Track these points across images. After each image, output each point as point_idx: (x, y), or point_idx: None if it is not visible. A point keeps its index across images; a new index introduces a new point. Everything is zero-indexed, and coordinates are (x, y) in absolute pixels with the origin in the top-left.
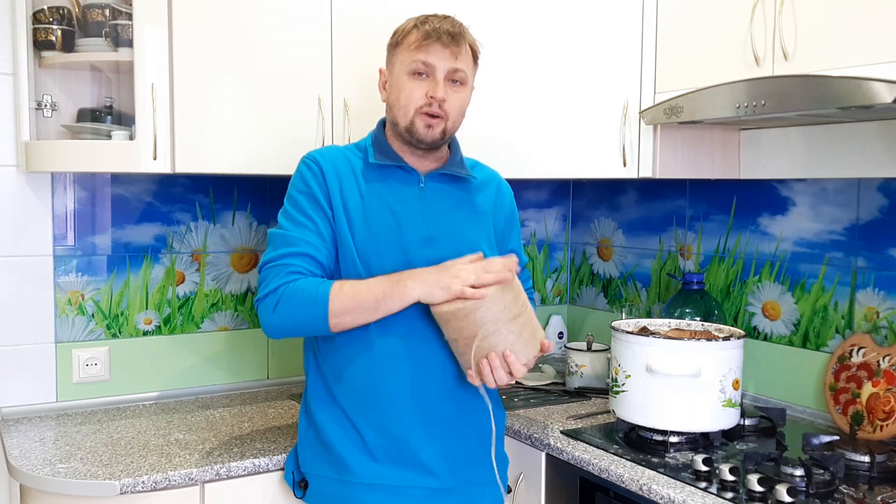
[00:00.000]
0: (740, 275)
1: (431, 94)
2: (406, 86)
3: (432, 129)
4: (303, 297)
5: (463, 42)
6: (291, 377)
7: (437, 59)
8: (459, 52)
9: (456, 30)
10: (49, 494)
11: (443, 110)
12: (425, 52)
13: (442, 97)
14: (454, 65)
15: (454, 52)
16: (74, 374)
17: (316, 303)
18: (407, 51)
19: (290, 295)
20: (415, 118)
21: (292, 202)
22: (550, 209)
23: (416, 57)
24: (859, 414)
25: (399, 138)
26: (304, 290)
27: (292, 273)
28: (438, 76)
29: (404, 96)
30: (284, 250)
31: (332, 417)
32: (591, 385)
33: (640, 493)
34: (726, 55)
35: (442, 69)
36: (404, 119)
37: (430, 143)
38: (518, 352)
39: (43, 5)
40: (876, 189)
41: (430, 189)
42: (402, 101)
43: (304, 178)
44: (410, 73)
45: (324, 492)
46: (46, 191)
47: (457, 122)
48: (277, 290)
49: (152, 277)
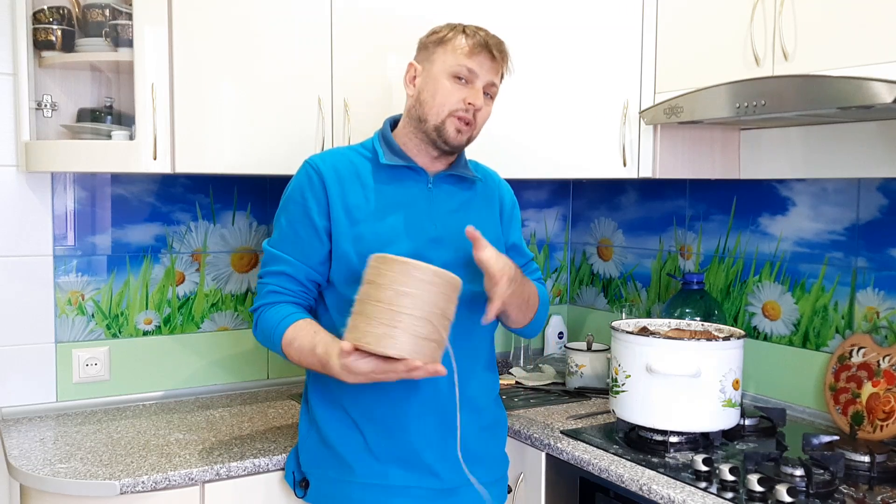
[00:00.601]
0: (740, 275)
1: (471, 100)
2: (446, 86)
3: (461, 134)
4: (266, 331)
5: (506, 60)
6: (291, 377)
7: (481, 70)
8: (498, 68)
9: (502, 47)
10: (49, 494)
11: (475, 119)
12: (473, 59)
13: (480, 105)
14: (493, 79)
15: (496, 68)
16: (74, 374)
17: (273, 342)
18: (453, 53)
19: (262, 322)
20: (447, 119)
21: (285, 210)
22: (550, 209)
23: (463, 62)
24: (859, 414)
25: (420, 135)
26: (268, 323)
27: (270, 293)
28: (478, 85)
29: (442, 95)
30: (267, 268)
31: (333, 417)
32: (591, 385)
33: (640, 493)
34: (726, 55)
35: (483, 80)
36: (436, 118)
37: (454, 146)
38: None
39: (43, 5)
40: (876, 189)
41: (439, 190)
42: (439, 100)
43: (301, 187)
44: (453, 75)
45: (325, 491)
46: (46, 191)
47: (477, 134)
48: (258, 310)
49: (152, 277)
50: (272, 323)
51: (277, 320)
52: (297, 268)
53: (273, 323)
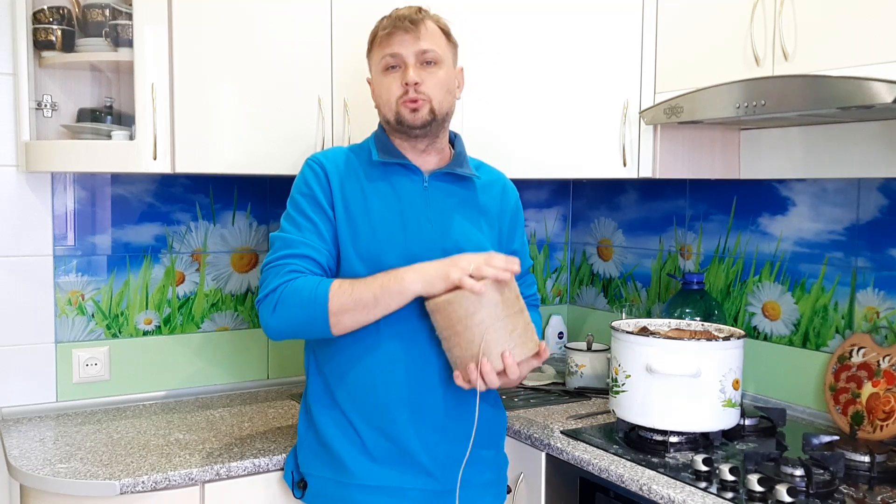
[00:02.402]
0: (740, 275)
1: (405, 80)
2: (383, 82)
3: (417, 111)
4: (302, 296)
5: (423, 23)
6: (291, 377)
7: (401, 47)
8: (421, 33)
9: (414, 14)
10: (49, 494)
11: (422, 93)
12: (390, 43)
13: (414, 80)
14: (420, 46)
15: (416, 35)
16: (74, 374)
17: (315, 302)
18: (377, 48)
19: (290, 294)
20: (398, 108)
21: (294, 204)
22: (550, 209)
23: (384, 52)
24: (859, 414)
25: (395, 136)
26: (304, 288)
27: (291, 272)
28: (409, 61)
29: (384, 92)
30: (284, 252)
31: (331, 418)
32: (591, 385)
33: (640, 493)
34: (726, 55)
35: (410, 55)
36: (390, 112)
37: (421, 125)
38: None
39: (43, 5)
40: (876, 189)
41: (435, 188)
42: (384, 97)
43: (307, 179)
44: (384, 69)
45: (322, 492)
46: (46, 191)
47: (444, 103)
48: (277, 290)
49: (152, 277)
50: (310, 283)
51: (316, 280)
52: (319, 251)
53: (312, 283)
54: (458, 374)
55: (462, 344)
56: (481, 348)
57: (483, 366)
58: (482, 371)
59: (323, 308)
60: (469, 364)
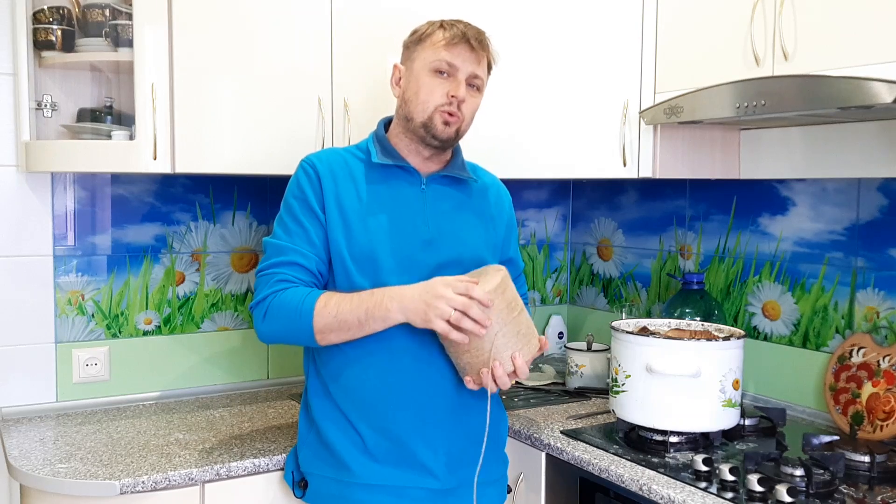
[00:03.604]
0: (740, 275)
1: (453, 93)
2: (427, 82)
3: (449, 126)
4: (288, 309)
5: (487, 49)
6: (291, 377)
7: (461, 61)
8: (480, 59)
9: (482, 37)
10: (49, 494)
11: (460, 111)
12: (451, 52)
13: (463, 97)
14: (476, 70)
15: (477, 58)
16: (74, 374)
17: (300, 317)
18: (432, 48)
19: (278, 306)
20: (434, 115)
21: (287, 208)
22: (550, 209)
23: (441, 56)
24: (859, 414)
25: (409, 135)
26: (290, 301)
27: (280, 282)
28: (461, 77)
29: (425, 92)
30: (275, 259)
31: (331, 418)
32: (591, 385)
33: (640, 493)
34: (726, 55)
35: (465, 71)
36: (422, 115)
37: (444, 140)
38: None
39: (43, 5)
40: (876, 189)
41: (432, 191)
42: (422, 97)
43: (300, 182)
44: (433, 70)
45: (323, 492)
46: (46, 191)
47: (468, 126)
48: (266, 300)
49: (152, 277)
50: (297, 296)
51: (304, 293)
52: (307, 258)
53: (298, 297)
54: (470, 380)
55: (472, 351)
56: (492, 353)
57: (495, 370)
58: (495, 375)
59: (308, 324)
60: (482, 369)
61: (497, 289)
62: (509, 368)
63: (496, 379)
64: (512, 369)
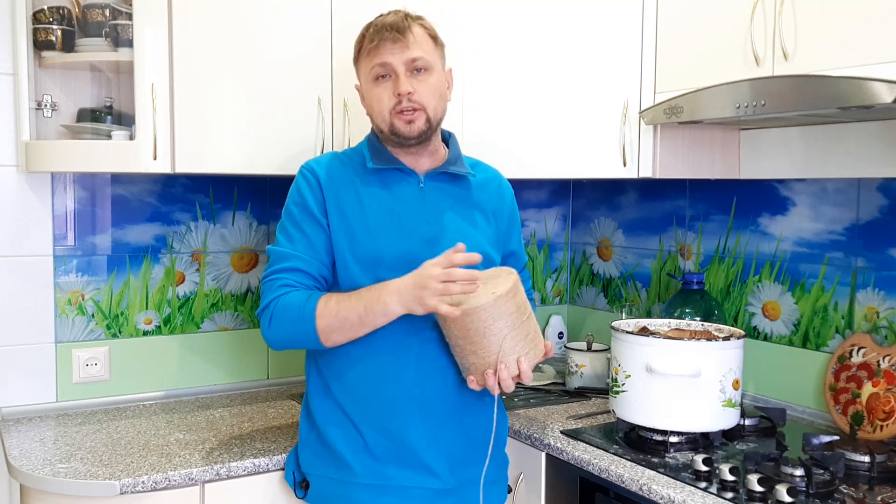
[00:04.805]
0: (740, 275)
1: (398, 90)
2: (374, 92)
3: (413, 123)
4: (291, 313)
5: (410, 30)
6: (291, 377)
7: (390, 56)
8: (409, 41)
9: (400, 21)
10: (49, 494)
11: (416, 102)
12: (379, 53)
13: (407, 90)
14: (409, 55)
15: (404, 44)
16: (74, 374)
17: (303, 320)
18: (365, 58)
19: (281, 311)
20: (392, 119)
21: (288, 214)
22: (550, 209)
23: (372, 62)
24: (859, 414)
25: (388, 143)
26: (293, 305)
27: (283, 286)
28: (399, 71)
29: (375, 102)
30: (278, 266)
31: (332, 418)
32: (591, 385)
33: (640, 493)
34: (726, 55)
35: (399, 63)
36: (384, 123)
37: (417, 136)
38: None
39: (43, 5)
40: (876, 189)
41: (431, 189)
42: (376, 108)
43: (300, 189)
44: (374, 78)
45: (325, 492)
46: (46, 191)
47: (438, 109)
48: (270, 305)
49: (152, 277)
50: (299, 300)
51: (305, 296)
52: (309, 263)
53: (300, 299)
54: (473, 380)
55: (479, 352)
56: (499, 356)
57: (500, 372)
58: (500, 378)
59: (311, 326)
60: (487, 371)
61: (508, 293)
62: (514, 372)
63: (500, 381)
64: (517, 373)
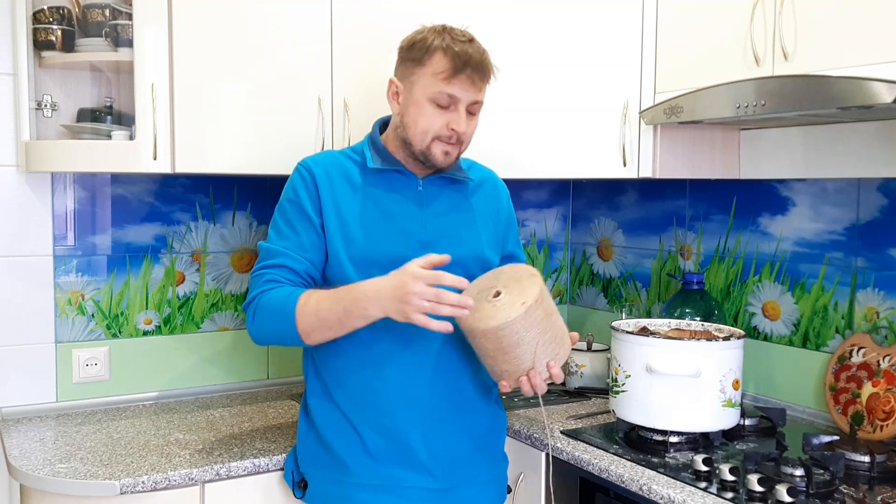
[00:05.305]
0: (740, 275)
1: (454, 126)
2: (427, 112)
3: (449, 156)
4: (273, 309)
5: (489, 75)
6: (291, 377)
7: (462, 93)
8: (484, 85)
9: (483, 60)
10: (49, 494)
11: (461, 138)
12: (453, 84)
13: (464, 130)
14: (477, 97)
15: (480, 87)
16: (74, 374)
17: (284, 316)
18: (433, 78)
19: (264, 306)
20: (432, 144)
21: (281, 211)
22: (550, 209)
23: (443, 89)
24: (859, 414)
25: (406, 151)
26: (275, 301)
27: (267, 282)
28: (461, 109)
29: (424, 122)
30: (266, 262)
31: (331, 418)
32: (591, 385)
33: (640, 493)
34: (726, 55)
35: (465, 101)
36: (420, 143)
37: (443, 167)
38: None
39: (43, 5)
40: (876, 189)
41: (429, 192)
42: (421, 127)
43: (294, 186)
44: (433, 101)
45: (323, 492)
46: (46, 191)
47: (467, 146)
48: (254, 300)
49: (152, 277)
50: (281, 297)
51: (287, 293)
52: (297, 261)
53: (282, 296)
54: (506, 384)
55: (511, 360)
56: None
57: (533, 378)
58: (533, 383)
59: (291, 324)
60: (521, 378)
61: (537, 301)
62: (545, 375)
63: (534, 386)
64: (547, 375)
